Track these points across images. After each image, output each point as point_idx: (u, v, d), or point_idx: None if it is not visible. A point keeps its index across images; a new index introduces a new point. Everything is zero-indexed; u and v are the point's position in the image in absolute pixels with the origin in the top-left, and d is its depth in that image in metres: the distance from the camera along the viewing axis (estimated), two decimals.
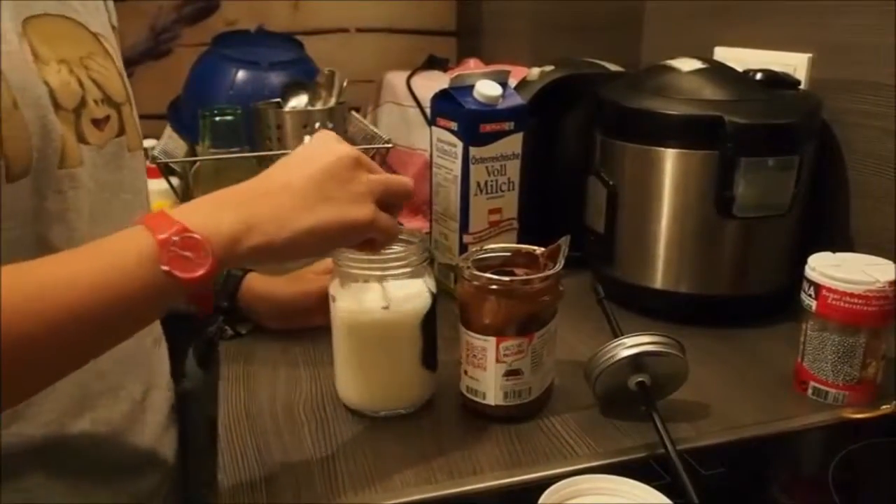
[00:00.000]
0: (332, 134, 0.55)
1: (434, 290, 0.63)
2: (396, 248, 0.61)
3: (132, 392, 0.63)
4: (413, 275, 0.62)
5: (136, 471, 0.63)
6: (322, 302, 0.65)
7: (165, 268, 0.44)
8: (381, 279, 0.61)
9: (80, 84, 0.56)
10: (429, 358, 0.63)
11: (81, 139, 0.55)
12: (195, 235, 0.45)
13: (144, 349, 0.66)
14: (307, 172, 0.51)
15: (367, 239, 0.54)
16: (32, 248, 0.51)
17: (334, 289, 0.62)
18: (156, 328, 0.69)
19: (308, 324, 0.74)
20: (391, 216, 0.55)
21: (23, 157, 0.49)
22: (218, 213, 0.48)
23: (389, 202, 0.55)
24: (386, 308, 0.60)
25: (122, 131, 0.60)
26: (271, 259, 0.50)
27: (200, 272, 0.45)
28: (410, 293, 0.61)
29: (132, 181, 0.62)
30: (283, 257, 0.51)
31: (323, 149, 0.53)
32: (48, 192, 0.52)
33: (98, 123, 0.57)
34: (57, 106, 0.52)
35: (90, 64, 0.58)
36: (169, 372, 0.72)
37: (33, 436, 0.54)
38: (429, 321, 0.62)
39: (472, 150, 0.80)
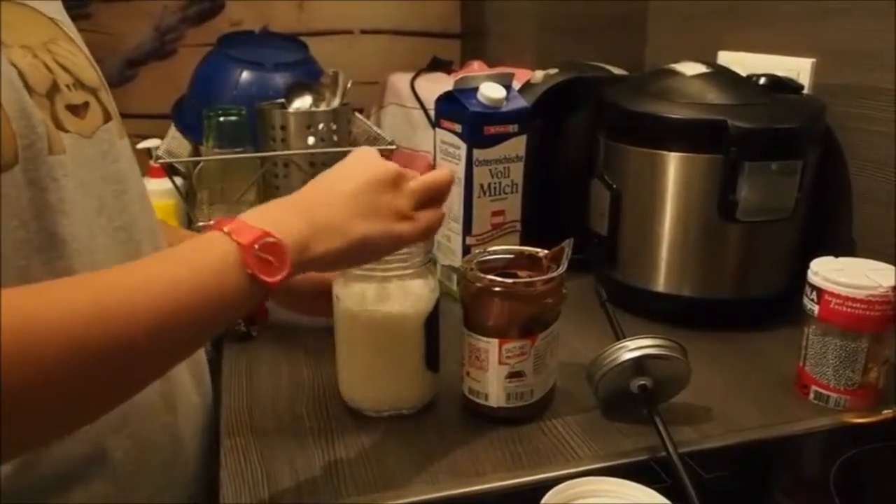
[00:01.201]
0: (373, 150, 0.57)
1: (437, 291, 0.63)
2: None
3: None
4: (416, 276, 0.62)
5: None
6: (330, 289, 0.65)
7: (250, 271, 0.45)
8: (384, 280, 0.61)
9: (48, 68, 0.52)
10: (431, 359, 0.64)
11: (59, 126, 0.52)
12: (276, 240, 0.47)
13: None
14: (353, 185, 0.53)
15: None
16: (43, 248, 0.50)
17: (338, 289, 0.62)
18: None
19: (314, 313, 0.74)
20: (434, 209, 0.57)
21: (7, 143, 0.47)
22: (288, 220, 0.49)
23: (433, 199, 0.57)
24: (388, 309, 0.60)
25: (108, 117, 0.58)
26: (328, 267, 0.52)
27: (281, 275, 0.47)
28: (413, 294, 0.61)
29: (133, 171, 0.61)
30: (336, 266, 0.53)
31: (365, 163, 0.55)
32: (45, 181, 0.49)
33: (76, 110, 0.54)
34: (29, 90, 0.49)
35: (54, 49, 0.54)
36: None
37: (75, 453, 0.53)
38: (432, 322, 0.63)
39: (476, 152, 0.80)
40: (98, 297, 0.41)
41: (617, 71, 0.98)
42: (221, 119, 1.12)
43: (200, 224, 1.08)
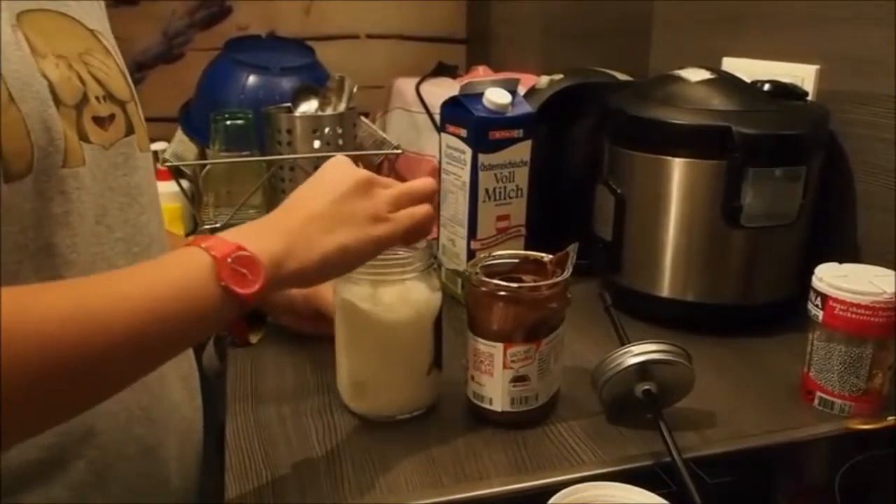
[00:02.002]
0: (344, 158, 0.57)
1: (440, 294, 0.63)
2: (402, 252, 0.61)
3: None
4: (419, 279, 0.62)
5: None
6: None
7: (223, 283, 0.46)
8: (386, 283, 0.61)
9: (81, 80, 0.54)
10: (434, 362, 0.64)
11: (84, 137, 0.53)
12: (250, 254, 0.48)
13: None
14: (327, 199, 0.53)
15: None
16: (37, 255, 0.51)
17: (339, 292, 0.62)
18: None
19: (317, 330, 0.75)
20: (421, 210, 0.57)
21: (22, 154, 0.48)
22: (262, 238, 0.50)
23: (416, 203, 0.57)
24: (391, 312, 0.61)
25: (130, 130, 0.59)
26: (308, 283, 0.53)
27: (255, 288, 0.48)
28: (416, 297, 0.62)
29: (148, 184, 0.62)
30: (319, 280, 0.54)
31: (337, 174, 0.55)
32: (53, 193, 0.51)
33: (102, 122, 0.56)
34: (57, 101, 0.51)
35: (90, 60, 0.56)
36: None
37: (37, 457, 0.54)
38: (435, 325, 0.63)
39: (481, 157, 0.81)
40: (79, 302, 0.42)
41: (622, 77, 0.98)
42: (228, 122, 1.13)
43: (206, 227, 1.09)
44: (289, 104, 1.13)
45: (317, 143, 1.06)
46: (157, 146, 1.27)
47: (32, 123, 0.49)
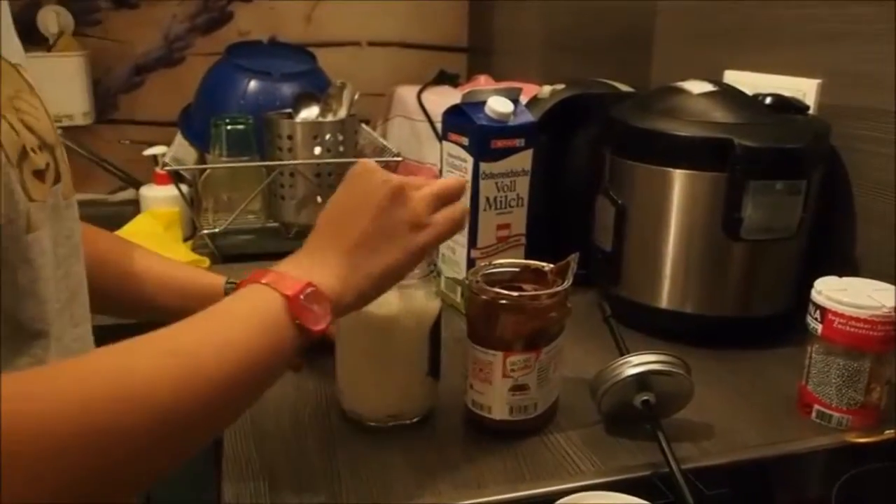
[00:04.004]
0: (371, 164, 0.56)
1: (439, 300, 0.63)
2: None
3: None
4: (418, 286, 0.62)
5: None
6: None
7: (298, 321, 0.47)
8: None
9: (15, 131, 0.45)
10: (433, 368, 0.64)
11: (28, 196, 0.45)
12: (320, 289, 0.48)
13: None
14: (367, 218, 0.53)
15: None
16: (12, 336, 0.45)
17: None
18: None
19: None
20: (451, 206, 0.57)
21: None
22: (322, 272, 0.50)
23: (447, 202, 0.57)
24: (390, 317, 0.61)
25: (57, 178, 0.50)
26: (364, 304, 0.54)
27: (324, 323, 0.48)
28: (415, 303, 0.62)
29: (72, 232, 0.53)
30: (372, 299, 0.55)
31: (370, 185, 0.54)
32: (18, 263, 0.45)
33: (40, 175, 0.47)
34: (8, 161, 0.43)
35: (20, 105, 0.47)
36: None
37: None
38: (434, 332, 0.63)
39: (483, 166, 0.81)
40: (176, 364, 0.41)
41: (624, 88, 0.98)
42: (228, 127, 1.13)
43: (205, 231, 1.09)
44: (289, 110, 1.13)
45: (317, 150, 1.06)
46: (157, 150, 1.27)
47: None
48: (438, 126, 1.10)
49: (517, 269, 0.66)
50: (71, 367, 0.40)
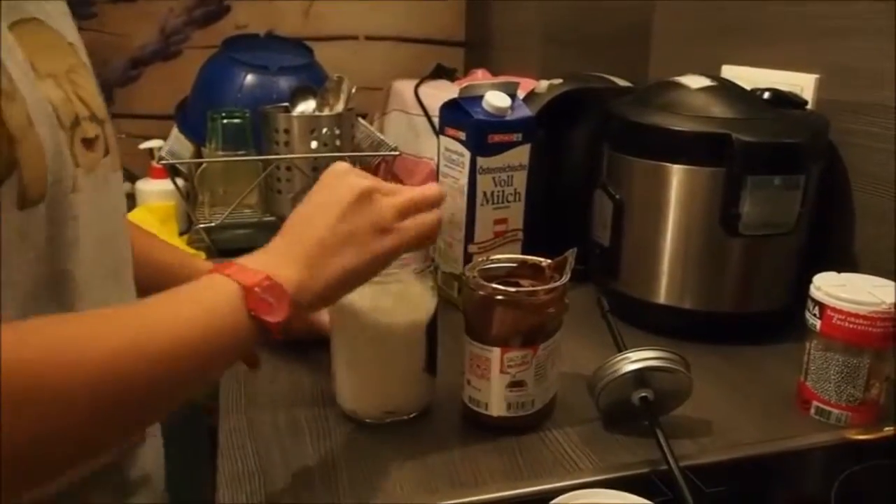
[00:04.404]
0: (344, 166, 0.56)
1: (436, 296, 0.63)
2: None
3: None
4: (415, 281, 0.62)
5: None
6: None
7: (253, 312, 0.47)
8: (382, 285, 0.60)
9: (70, 100, 0.51)
10: (430, 364, 0.63)
11: (75, 161, 0.51)
12: (278, 282, 0.49)
13: None
14: (331, 220, 0.53)
15: None
16: (53, 283, 0.50)
17: None
18: None
19: (310, 336, 0.74)
20: (424, 214, 0.56)
21: (40, 181, 0.46)
22: (282, 266, 0.50)
23: (420, 211, 0.56)
24: (387, 314, 0.60)
25: (107, 151, 0.56)
26: (321, 308, 0.55)
27: (281, 317, 0.48)
28: (412, 299, 0.61)
29: (119, 204, 0.60)
30: (332, 302, 0.56)
31: (340, 188, 0.54)
32: (65, 218, 0.49)
33: (89, 144, 0.53)
34: (60, 124, 0.49)
35: (75, 79, 0.53)
36: None
37: None
38: (430, 327, 0.62)
39: (480, 161, 0.80)
40: (125, 336, 0.43)
41: (621, 83, 0.98)
42: (225, 121, 1.12)
43: (201, 225, 1.08)
44: (286, 104, 1.13)
45: (314, 144, 1.06)
46: (153, 143, 1.26)
47: (48, 148, 0.47)
48: (435, 120, 1.10)
49: (514, 265, 0.65)
50: (41, 324, 0.42)
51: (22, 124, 0.45)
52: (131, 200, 1.24)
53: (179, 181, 1.16)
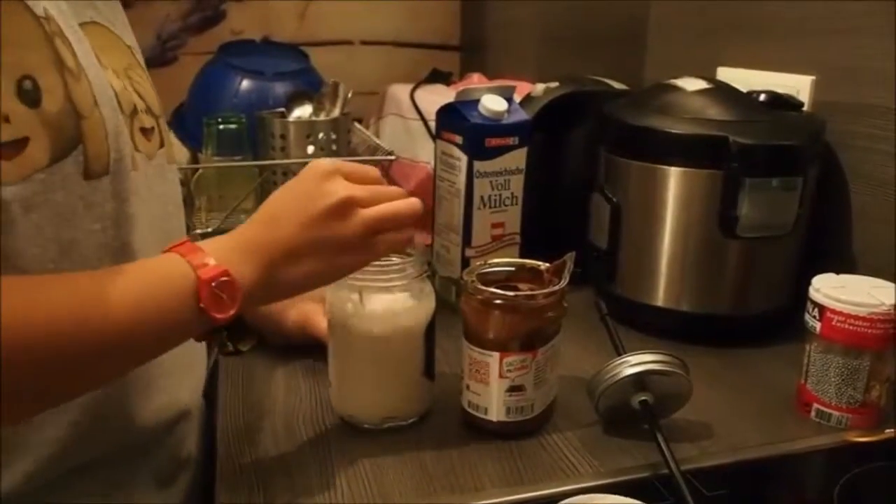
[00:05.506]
0: (322, 168, 0.54)
1: (434, 301, 0.63)
2: (395, 259, 0.61)
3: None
4: (412, 286, 0.61)
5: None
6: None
7: (202, 305, 0.48)
8: (378, 290, 0.60)
9: (129, 92, 0.58)
10: (428, 369, 0.63)
11: (135, 146, 0.57)
12: (234, 280, 0.49)
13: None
14: (299, 225, 0.52)
15: None
16: (117, 254, 0.54)
17: (331, 299, 0.62)
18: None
19: (308, 341, 0.73)
20: (394, 234, 0.56)
21: (102, 157, 0.51)
22: (243, 262, 0.50)
23: (394, 226, 0.56)
24: (383, 320, 0.60)
25: (163, 143, 0.63)
26: (273, 303, 0.59)
27: (229, 313, 0.49)
28: (409, 305, 0.61)
29: (174, 192, 0.67)
30: (281, 300, 0.60)
31: (318, 191, 0.53)
32: (127, 194, 0.54)
33: (147, 133, 0.59)
34: (121, 110, 0.55)
35: (132, 75, 0.60)
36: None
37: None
38: (428, 333, 0.62)
39: (477, 164, 0.80)
40: (82, 302, 0.45)
41: (617, 85, 0.98)
42: (221, 127, 1.12)
43: (198, 231, 1.08)
44: (282, 109, 1.12)
45: (310, 149, 1.06)
46: None
47: (110, 127, 0.52)
48: (432, 125, 1.10)
49: (513, 269, 0.65)
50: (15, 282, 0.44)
51: (88, 102, 0.50)
52: None
53: None
